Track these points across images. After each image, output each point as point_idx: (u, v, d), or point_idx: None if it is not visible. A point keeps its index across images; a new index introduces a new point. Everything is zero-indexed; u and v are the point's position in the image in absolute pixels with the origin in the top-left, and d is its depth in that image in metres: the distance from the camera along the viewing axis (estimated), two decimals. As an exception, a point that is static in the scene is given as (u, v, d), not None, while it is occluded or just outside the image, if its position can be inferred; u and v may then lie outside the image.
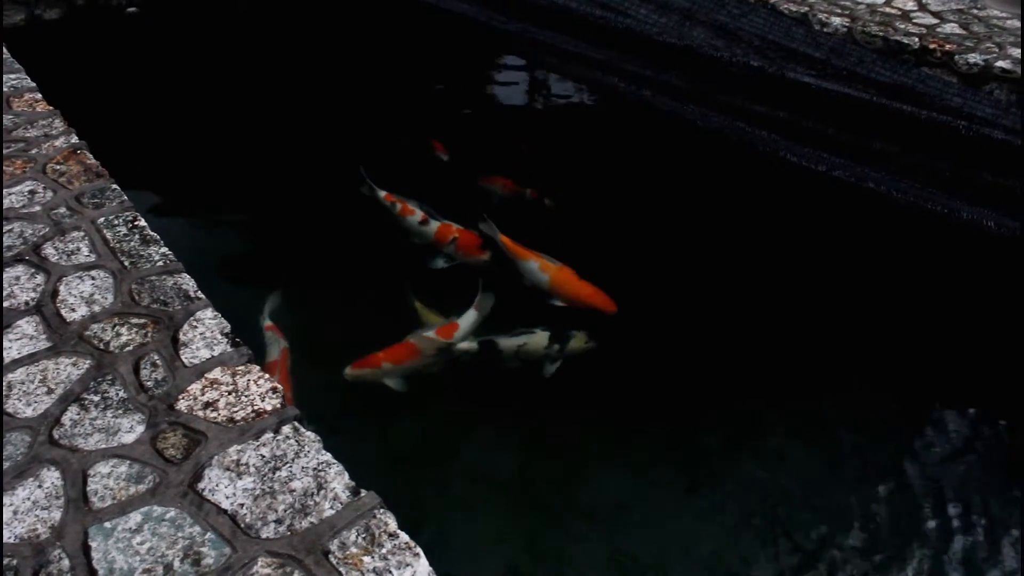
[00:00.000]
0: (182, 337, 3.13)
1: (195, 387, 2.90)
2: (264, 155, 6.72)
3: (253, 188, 6.46)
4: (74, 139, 4.38)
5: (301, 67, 7.72)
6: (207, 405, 2.83)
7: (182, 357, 3.03)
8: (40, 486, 2.52)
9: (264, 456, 2.64)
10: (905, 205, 4.56)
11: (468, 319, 5.11)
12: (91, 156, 4.26)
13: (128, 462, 2.62)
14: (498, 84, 9.01)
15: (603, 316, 5.21)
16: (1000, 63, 5.82)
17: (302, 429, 2.74)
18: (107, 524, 2.42)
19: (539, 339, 5.08)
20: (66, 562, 2.31)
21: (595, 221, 6.36)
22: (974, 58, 5.91)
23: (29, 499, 2.48)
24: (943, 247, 5.17)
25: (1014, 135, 4.65)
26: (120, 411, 2.80)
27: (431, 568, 2.32)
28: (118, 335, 3.12)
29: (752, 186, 6.18)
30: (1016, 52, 5.98)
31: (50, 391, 2.86)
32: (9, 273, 3.40)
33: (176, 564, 2.31)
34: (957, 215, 4.48)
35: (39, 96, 4.80)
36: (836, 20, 6.50)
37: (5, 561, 2.30)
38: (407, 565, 2.32)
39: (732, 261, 5.96)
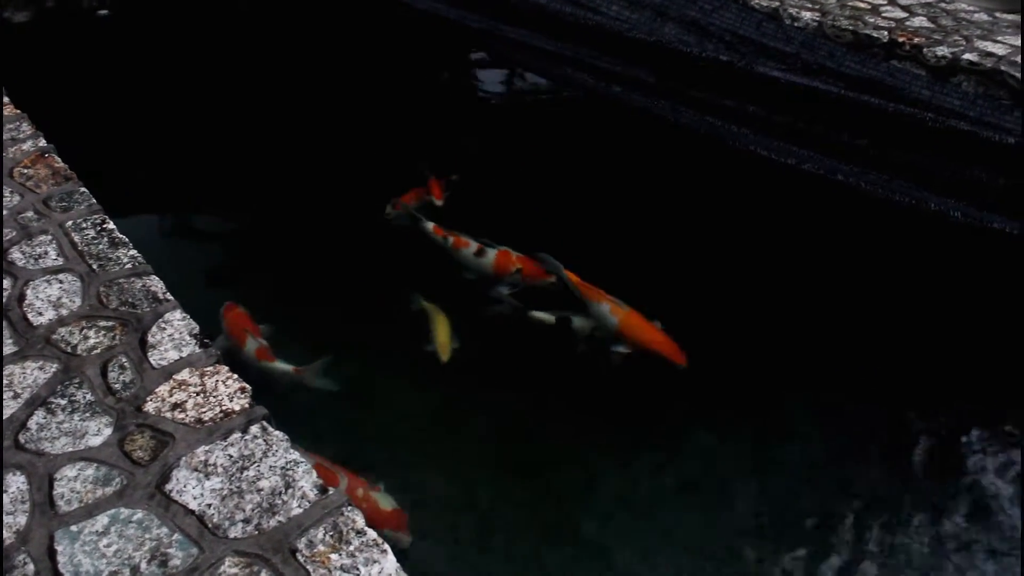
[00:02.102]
0: (150, 339, 3.12)
1: (163, 389, 2.89)
2: (237, 157, 6.68)
3: (225, 189, 6.43)
4: (42, 142, 4.34)
5: (270, 68, 7.68)
6: (175, 406, 2.82)
7: (150, 359, 3.02)
8: (5, 491, 2.51)
9: (232, 456, 2.63)
10: (873, 197, 4.60)
11: (280, 366, 4.72)
12: (59, 159, 4.23)
13: (95, 465, 2.61)
14: (470, 81, 8.99)
15: (672, 367, 4.91)
16: (967, 55, 5.88)
17: (270, 428, 2.74)
18: (73, 527, 2.41)
19: None
20: (31, 567, 2.30)
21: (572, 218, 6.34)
22: (942, 51, 5.97)
23: (-6, 504, 2.47)
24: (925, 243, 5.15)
25: (979, 126, 4.71)
26: (87, 414, 2.79)
27: (399, 565, 2.32)
28: (86, 338, 3.10)
29: (732, 183, 6.15)
30: (982, 44, 6.04)
31: (16, 395, 2.84)
32: (-25, 278, 3.37)
33: (143, 566, 2.31)
34: (925, 206, 4.52)
35: (6, 100, 4.76)
36: (807, 15, 6.55)
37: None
38: (375, 562, 2.32)
39: (717, 259, 5.93)
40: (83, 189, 4.01)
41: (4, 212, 3.78)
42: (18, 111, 4.65)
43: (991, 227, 4.38)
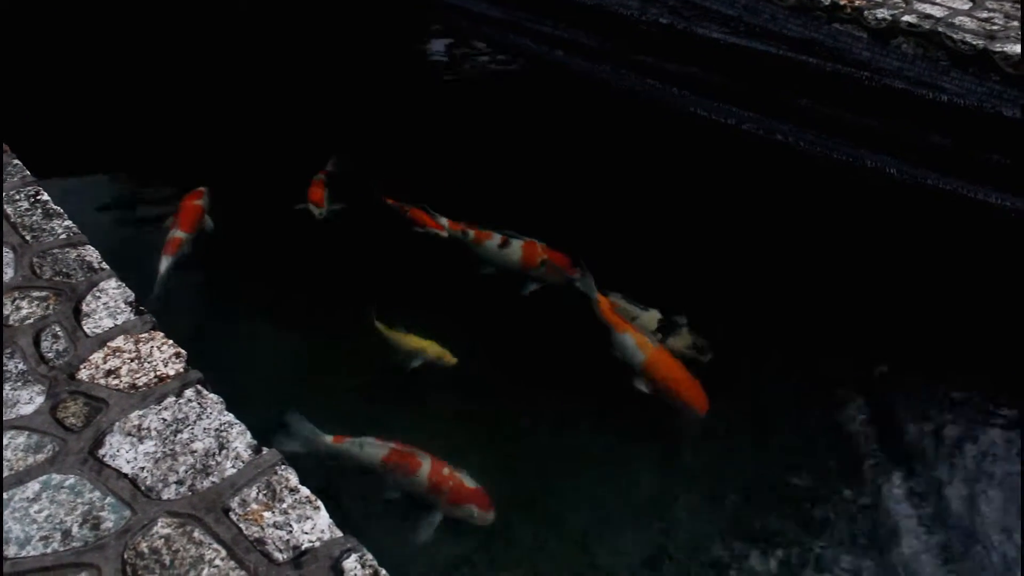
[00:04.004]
0: (85, 308, 3.10)
1: (97, 356, 2.88)
2: (178, 127, 6.56)
3: (169, 159, 6.31)
4: (-28, 115, 4.27)
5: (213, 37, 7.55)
6: (109, 373, 2.81)
7: (84, 327, 3.01)
8: (-66, 460, 2.49)
9: (166, 419, 2.64)
10: (811, 155, 4.67)
11: (162, 267, 4.88)
12: (-10, 132, 4.16)
13: (27, 433, 2.60)
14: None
15: (692, 413, 4.50)
16: (906, 18, 5.95)
17: (205, 391, 2.75)
18: (3, 495, 2.40)
19: (649, 318, 4.86)
20: (-40, 533, 2.29)
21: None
22: (882, 13, 6.04)
23: (-77, 473, 2.45)
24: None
25: (914, 84, 4.79)
26: (19, 383, 2.77)
27: (331, 520, 2.35)
28: (18, 309, 3.07)
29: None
30: (921, 7, 6.12)
31: (-54, 366, 2.81)
32: (-97, 251, 3.32)
33: (75, 529, 2.31)
34: (861, 163, 4.60)
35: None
36: (751, -22, 6.57)
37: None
38: (307, 518, 2.35)
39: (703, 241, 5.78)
40: (16, 161, 3.95)
41: (-67, 185, 3.71)
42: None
43: (925, 184, 4.48)
